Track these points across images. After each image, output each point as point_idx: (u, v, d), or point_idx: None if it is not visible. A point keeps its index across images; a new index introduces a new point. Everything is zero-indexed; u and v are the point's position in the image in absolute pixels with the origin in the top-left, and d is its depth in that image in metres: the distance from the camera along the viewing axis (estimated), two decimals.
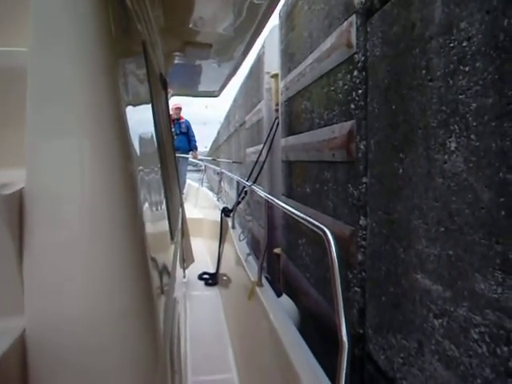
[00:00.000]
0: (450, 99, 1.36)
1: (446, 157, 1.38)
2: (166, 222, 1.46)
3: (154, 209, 1.08)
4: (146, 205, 0.88)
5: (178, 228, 2.25)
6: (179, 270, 2.46)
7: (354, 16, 2.13)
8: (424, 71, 1.51)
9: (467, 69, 1.28)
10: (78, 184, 0.62)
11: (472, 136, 1.26)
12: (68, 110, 0.62)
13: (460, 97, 1.32)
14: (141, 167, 0.87)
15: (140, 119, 1.06)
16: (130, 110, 0.79)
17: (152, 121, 1.44)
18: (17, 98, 0.64)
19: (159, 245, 1.06)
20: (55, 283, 0.60)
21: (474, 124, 1.25)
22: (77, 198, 0.61)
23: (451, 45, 1.36)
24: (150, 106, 1.42)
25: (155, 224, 1.03)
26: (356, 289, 2.13)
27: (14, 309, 0.58)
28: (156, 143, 1.47)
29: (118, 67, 0.73)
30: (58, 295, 0.60)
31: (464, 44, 1.30)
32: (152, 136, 1.37)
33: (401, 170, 1.67)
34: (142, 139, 1.00)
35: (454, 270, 1.36)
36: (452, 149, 1.35)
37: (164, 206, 1.45)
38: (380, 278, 1.88)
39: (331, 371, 1.36)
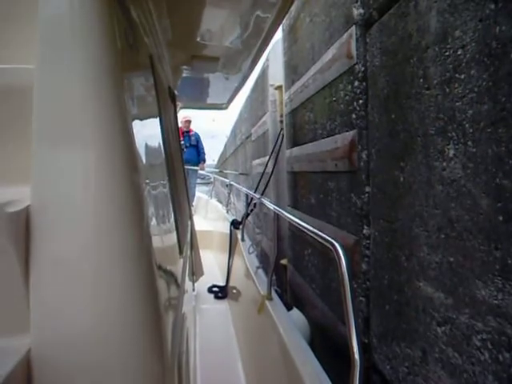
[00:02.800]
0: (447, 107, 1.37)
1: (444, 164, 1.39)
2: (175, 235, 1.45)
3: (162, 222, 1.07)
4: (154, 218, 0.88)
5: (187, 241, 2.25)
6: (188, 283, 2.45)
7: (353, 27, 2.16)
8: (421, 80, 1.53)
9: (462, 76, 1.30)
10: (84, 200, 0.61)
11: (469, 143, 1.27)
12: (74, 126, 0.62)
13: (456, 104, 1.33)
14: (148, 181, 0.87)
15: (148, 132, 1.06)
16: (137, 123, 0.80)
17: (160, 134, 1.45)
18: (22, 114, 0.65)
19: (167, 259, 1.04)
20: (61, 301, 0.59)
21: (471, 131, 1.26)
22: (83, 214, 0.61)
23: (447, 53, 1.37)
24: (157, 119, 1.43)
25: (163, 237, 1.02)
26: (361, 298, 2.12)
27: (20, 327, 0.57)
28: (164, 156, 1.48)
29: (125, 81, 0.73)
30: (64, 313, 0.59)
31: (459, 52, 1.31)
32: (160, 149, 1.37)
33: (401, 179, 1.68)
34: (149, 152, 1.00)
35: (455, 276, 1.35)
36: (450, 156, 1.36)
37: (172, 219, 1.44)
38: (383, 287, 1.88)
39: None
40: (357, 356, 1.06)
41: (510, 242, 1.12)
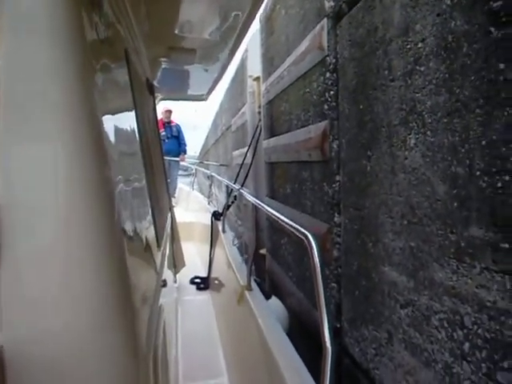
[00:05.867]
0: (409, 98, 1.43)
1: (406, 153, 1.45)
2: (152, 228, 1.46)
3: (137, 215, 1.07)
4: (127, 212, 0.87)
5: (166, 233, 2.25)
6: (169, 276, 2.46)
7: (325, 20, 2.20)
8: (386, 72, 1.58)
9: (422, 69, 1.35)
10: (53, 194, 0.61)
11: (428, 132, 1.33)
12: (42, 121, 0.61)
13: (417, 95, 1.38)
14: (121, 174, 0.86)
15: (121, 125, 1.04)
16: (109, 117, 0.80)
17: (135, 126, 1.44)
18: None
19: (142, 252, 1.05)
20: (33, 298, 0.59)
21: (430, 121, 1.32)
22: (53, 208, 0.61)
23: (408, 46, 1.42)
24: (132, 111, 1.42)
25: (138, 231, 1.02)
26: (333, 284, 2.19)
27: None
28: (140, 148, 1.47)
29: (95, 74, 0.73)
30: (36, 310, 0.59)
31: (419, 45, 1.37)
32: (135, 141, 1.37)
33: (369, 168, 1.73)
34: (122, 145, 1.00)
35: (416, 260, 1.42)
36: (411, 145, 1.42)
37: (149, 212, 1.44)
38: (353, 273, 1.94)
39: (317, 373, 1.41)
40: (328, 344, 1.09)
41: (463, 226, 1.18)
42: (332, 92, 2.13)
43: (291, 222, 1.57)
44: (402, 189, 1.49)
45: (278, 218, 1.76)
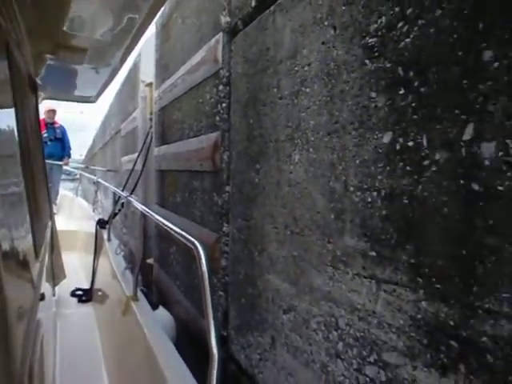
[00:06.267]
0: (295, 116, 1.53)
1: (291, 167, 1.55)
2: (29, 236, 1.38)
3: (12, 224, 1.00)
4: (1, 219, 0.82)
5: (46, 242, 2.11)
6: (47, 288, 2.29)
7: (220, 34, 2.25)
8: (275, 90, 1.67)
9: (308, 90, 1.46)
10: None
11: (310, 149, 1.44)
12: None
13: (302, 114, 1.49)
14: None
15: None
16: None
17: (14, 125, 1.35)
18: None
19: (18, 263, 0.98)
20: None
21: (312, 139, 1.43)
22: None
23: (296, 68, 1.53)
24: (12, 109, 1.34)
25: (13, 239, 0.96)
26: (220, 293, 2.23)
27: None
28: (19, 150, 1.38)
29: None
30: None
31: (305, 68, 1.48)
32: (13, 142, 1.29)
33: (257, 180, 1.82)
34: None
35: (297, 268, 1.52)
36: (296, 160, 1.52)
37: (27, 220, 1.36)
38: (240, 281, 2.00)
39: (204, 381, 1.43)
40: (215, 351, 1.13)
41: (338, 236, 1.30)
42: (224, 104, 2.19)
43: (180, 231, 1.58)
44: (287, 201, 1.58)
45: (167, 226, 1.77)
